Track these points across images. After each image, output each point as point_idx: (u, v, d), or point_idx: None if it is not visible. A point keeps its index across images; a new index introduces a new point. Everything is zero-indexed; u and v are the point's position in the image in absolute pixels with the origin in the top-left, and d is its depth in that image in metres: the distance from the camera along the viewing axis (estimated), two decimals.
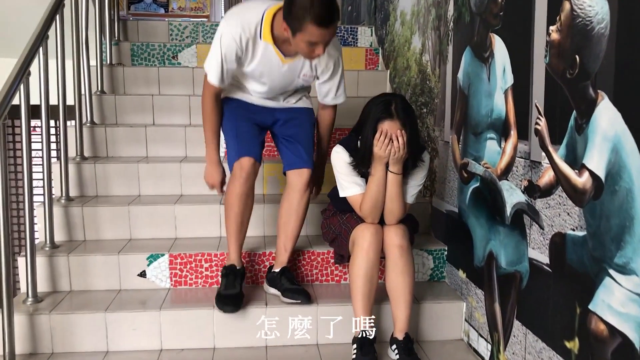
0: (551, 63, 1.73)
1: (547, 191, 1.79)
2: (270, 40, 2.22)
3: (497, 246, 2.15)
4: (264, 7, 2.21)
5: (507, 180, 2.05)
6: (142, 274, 2.59)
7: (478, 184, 2.33)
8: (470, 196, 2.39)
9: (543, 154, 1.80)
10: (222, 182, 2.50)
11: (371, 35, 4.33)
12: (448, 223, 2.68)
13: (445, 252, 2.71)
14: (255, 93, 2.48)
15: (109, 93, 3.59)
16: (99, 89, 3.54)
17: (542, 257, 1.83)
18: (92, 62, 3.44)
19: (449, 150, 2.62)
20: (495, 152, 2.15)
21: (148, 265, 2.59)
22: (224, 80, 2.31)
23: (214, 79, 2.30)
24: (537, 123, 1.83)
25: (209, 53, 2.27)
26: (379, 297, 2.33)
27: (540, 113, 1.81)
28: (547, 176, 1.78)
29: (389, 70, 3.84)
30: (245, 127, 2.44)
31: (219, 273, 2.59)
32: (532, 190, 1.88)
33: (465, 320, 2.47)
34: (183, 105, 3.49)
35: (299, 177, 2.44)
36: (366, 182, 2.30)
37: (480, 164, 2.27)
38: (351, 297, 2.29)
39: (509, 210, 2.04)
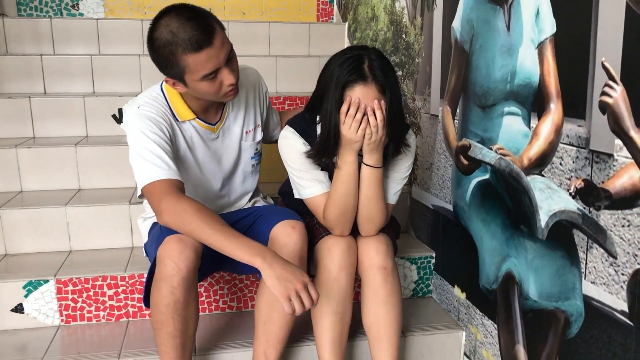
0: None
1: (624, 201, 1.15)
2: (191, 115, 1.59)
3: (522, 267, 1.51)
4: (158, 85, 1.61)
5: (541, 175, 1.41)
6: (19, 309, 1.84)
7: (487, 176, 1.68)
8: (474, 192, 1.75)
9: (617, 141, 1.15)
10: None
11: None
12: (436, 223, 2.04)
13: (433, 260, 2.07)
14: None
15: None
16: None
17: (610, 299, 1.20)
18: None
19: (438, 126, 1.96)
20: (518, 134, 1.50)
21: (26, 296, 1.83)
22: (174, 167, 1.46)
23: (165, 172, 1.44)
24: (605, 93, 1.17)
25: (133, 163, 1.49)
26: (350, 330, 1.68)
27: (612, 78, 1.15)
28: (625, 177, 1.14)
29: (347, 23, 3.13)
30: None
31: (129, 302, 1.88)
32: (591, 195, 1.24)
33: (465, 355, 1.86)
34: (84, 68, 2.69)
35: (288, 236, 1.56)
36: (331, 176, 1.62)
37: (491, 149, 1.62)
38: (316, 342, 1.62)
39: (544, 219, 1.40)
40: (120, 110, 2.50)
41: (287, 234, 1.55)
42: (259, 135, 1.76)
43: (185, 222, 1.36)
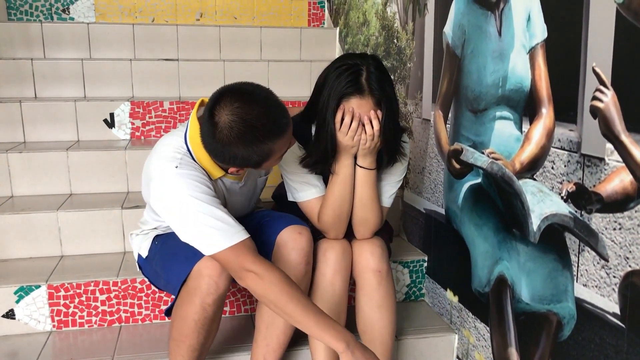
0: (631, 3, 1.09)
1: (615, 204, 1.16)
2: (221, 172, 1.48)
3: (514, 270, 1.53)
4: (180, 138, 1.45)
5: (533, 179, 1.42)
6: (10, 314, 1.83)
7: (479, 180, 1.69)
8: (466, 196, 1.76)
9: (608, 145, 1.17)
10: None
11: None
12: (429, 226, 2.05)
13: (425, 264, 2.08)
14: None
15: None
16: None
17: (602, 301, 1.22)
18: None
19: (430, 131, 1.97)
20: (510, 138, 1.51)
21: (17, 301, 1.82)
22: (238, 224, 1.39)
23: (233, 235, 1.36)
24: (596, 98, 1.19)
25: (185, 229, 1.39)
26: None
27: (604, 83, 1.17)
28: (616, 181, 1.16)
29: (338, 28, 3.14)
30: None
31: (121, 307, 1.88)
32: (583, 198, 1.25)
33: (458, 358, 1.86)
34: (75, 72, 2.67)
35: (295, 241, 1.55)
36: (324, 180, 1.63)
37: (483, 153, 1.63)
38: (310, 346, 1.62)
39: (536, 222, 1.41)
40: (112, 115, 2.50)
41: (294, 239, 1.54)
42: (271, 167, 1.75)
43: (271, 293, 1.33)
